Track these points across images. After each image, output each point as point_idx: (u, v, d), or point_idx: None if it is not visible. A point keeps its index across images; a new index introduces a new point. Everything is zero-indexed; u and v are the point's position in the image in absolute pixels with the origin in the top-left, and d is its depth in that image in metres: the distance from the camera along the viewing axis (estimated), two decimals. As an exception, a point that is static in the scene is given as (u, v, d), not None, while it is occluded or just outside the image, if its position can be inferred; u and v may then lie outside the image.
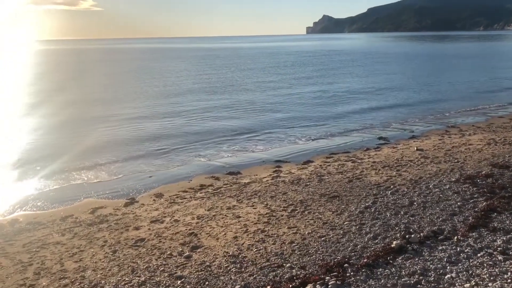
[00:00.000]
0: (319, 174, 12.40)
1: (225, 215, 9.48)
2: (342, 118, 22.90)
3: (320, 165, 13.70)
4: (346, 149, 16.07)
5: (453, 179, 10.69)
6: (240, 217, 9.30)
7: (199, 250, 7.73)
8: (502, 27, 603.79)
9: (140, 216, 9.88)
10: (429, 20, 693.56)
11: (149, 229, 8.95)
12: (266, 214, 9.33)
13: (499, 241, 7.08)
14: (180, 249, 7.77)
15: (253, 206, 9.98)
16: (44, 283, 6.80)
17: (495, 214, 8.25)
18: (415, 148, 14.97)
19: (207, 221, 9.19)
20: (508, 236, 7.24)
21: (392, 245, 7.16)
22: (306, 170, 13.24)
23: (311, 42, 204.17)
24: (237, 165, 14.59)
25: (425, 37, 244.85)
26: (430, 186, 10.34)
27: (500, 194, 9.28)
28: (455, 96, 29.29)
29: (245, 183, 12.22)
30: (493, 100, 27.11)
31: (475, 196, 9.37)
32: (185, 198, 11.17)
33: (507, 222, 7.88)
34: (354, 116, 23.48)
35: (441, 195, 9.59)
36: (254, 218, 9.16)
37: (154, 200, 11.23)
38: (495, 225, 7.75)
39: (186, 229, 8.75)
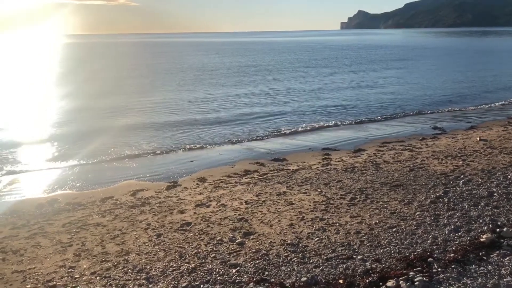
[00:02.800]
0: (374, 163, 11.34)
1: (276, 201, 8.62)
2: (386, 107, 21.69)
3: (374, 154, 12.64)
4: (399, 138, 14.88)
5: (535, 170, 9.41)
6: (293, 203, 8.42)
7: (252, 236, 6.89)
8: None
9: (184, 199, 9.16)
10: (469, 15, 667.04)
11: (194, 213, 8.21)
12: (323, 201, 8.41)
13: None
14: (231, 235, 6.96)
15: (305, 193, 9.08)
16: (85, 266, 6.14)
17: None
18: (478, 138, 13.63)
19: (257, 206, 8.35)
20: None
21: (482, 239, 6.09)
22: (359, 158, 12.21)
23: (350, 37, 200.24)
24: (281, 152, 13.72)
25: (467, 32, 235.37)
26: (509, 176, 9.12)
27: None
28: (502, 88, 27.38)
29: (293, 169, 11.33)
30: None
31: None
32: (230, 183, 10.39)
33: None
34: (402, 104, 22.16)
35: (525, 186, 8.37)
36: (310, 205, 8.25)
37: (197, 184, 10.51)
38: None
39: (235, 214, 7.94)
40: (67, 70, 48.83)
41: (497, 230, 6.38)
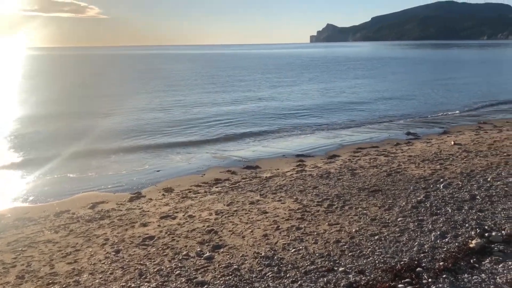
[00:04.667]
0: (350, 168, 10.89)
1: (248, 211, 7.97)
2: (359, 112, 21.58)
3: (349, 159, 12.21)
4: (373, 144, 14.56)
5: (514, 172, 9.15)
6: (267, 212, 7.79)
7: (222, 250, 6.21)
8: (506, 36, 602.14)
9: (148, 211, 8.38)
10: (433, 29, 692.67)
11: (159, 225, 7.45)
12: (299, 209, 7.82)
13: None
14: (199, 249, 6.26)
15: (280, 200, 8.48)
16: (27, 289, 5.29)
17: None
18: (453, 143, 13.45)
19: (228, 217, 7.68)
20: None
21: (471, 245, 5.62)
22: (334, 164, 11.74)
23: (320, 49, 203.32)
24: (254, 159, 13.12)
25: (430, 45, 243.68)
26: (489, 179, 8.81)
27: None
28: (469, 95, 27.85)
29: (266, 177, 10.73)
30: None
31: (550, 189, 7.83)
32: (199, 193, 9.67)
33: None
34: (373, 111, 22.07)
35: (506, 189, 8.06)
36: (285, 213, 7.64)
37: (163, 194, 9.74)
38: None
39: (204, 226, 7.24)
40: (27, 81, 46.84)
41: (486, 234, 5.95)
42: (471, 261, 5.25)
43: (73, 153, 13.77)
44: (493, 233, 5.93)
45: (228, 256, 5.98)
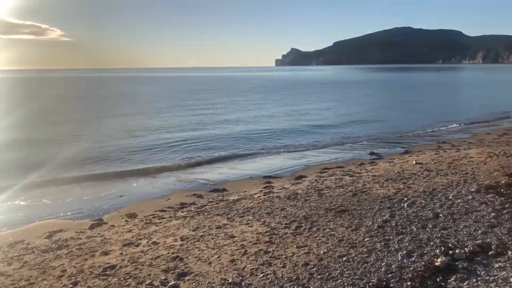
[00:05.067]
0: (317, 189, 10.92)
1: (215, 235, 7.77)
2: (324, 134, 21.92)
3: (316, 180, 12.26)
4: (338, 164, 14.74)
5: (472, 190, 9.45)
6: (234, 236, 7.62)
7: (188, 277, 5.98)
8: (459, 60, 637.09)
9: (110, 239, 8.01)
10: (392, 54, 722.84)
11: (121, 253, 7.12)
12: (266, 232, 7.70)
13: None
14: (163, 277, 6.00)
15: (248, 224, 8.34)
16: (-27, 330, 4.86)
17: (541, 224, 6.95)
18: (414, 162, 13.80)
19: (194, 242, 7.45)
20: None
21: (437, 263, 5.68)
22: (301, 185, 11.75)
23: (285, 72, 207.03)
24: (221, 182, 12.95)
25: (390, 68, 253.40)
26: (450, 197, 9.03)
27: (535, 204, 8.05)
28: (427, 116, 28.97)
29: (233, 200, 10.58)
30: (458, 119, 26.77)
31: (507, 206, 8.09)
32: (163, 218, 9.38)
33: (561, 232, 6.58)
34: (337, 133, 22.45)
35: (467, 206, 8.27)
36: (252, 237, 7.50)
37: (126, 221, 9.38)
38: (549, 236, 6.43)
39: (169, 253, 6.98)
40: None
41: (450, 252, 6.03)
42: (437, 279, 5.29)
43: (32, 181, 13.11)
44: (457, 251, 6.03)
45: (194, 284, 5.76)
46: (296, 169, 14.44)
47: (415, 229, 7.24)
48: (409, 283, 5.22)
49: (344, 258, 6.22)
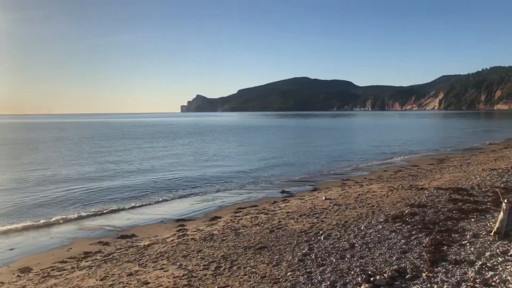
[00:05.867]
0: (233, 228, 10.64)
1: (126, 283, 7.03)
2: (235, 175, 21.87)
3: (231, 219, 11.99)
4: (252, 203, 14.68)
5: (381, 220, 9.94)
6: (148, 283, 6.97)
7: (96, 333, 5.21)
8: (351, 108, 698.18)
9: (-3, 299, 6.81)
10: (292, 101, 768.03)
11: (12, 314, 6.04)
12: (184, 275, 7.18)
13: (472, 273, 6.14)
14: (67, 336, 5.15)
15: (162, 269, 7.72)
16: None
17: (445, 247, 7.46)
18: (324, 198, 14.28)
19: (102, 293, 6.63)
20: (476, 267, 6.37)
21: (360, 291, 5.68)
22: (216, 225, 11.37)
23: (191, 118, 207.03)
24: (129, 227, 12.04)
25: (290, 115, 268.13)
26: (362, 227, 9.37)
27: (437, 229, 8.69)
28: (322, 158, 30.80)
29: (144, 245, 9.82)
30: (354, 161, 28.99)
31: (413, 233, 8.61)
32: (64, 270, 8.32)
33: (463, 253, 7.11)
34: (248, 173, 22.59)
35: (379, 235, 8.63)
36: (169, 282, 6.93)
37: (18, 276, 8.14)
38: (453, 257, 6.89)
39: (72, 307, 6.09)
40: None
41: (371, 279, 6.12)
42: (364, 306, 5.26)
43: None
44: (378, 277, 6.14)
45: None
46: (209, 211, 14.05)
47: (334, 260, 7.29)
48: (337, 313, 5.11)
49: (269, 295, 5.97)
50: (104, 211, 14.27)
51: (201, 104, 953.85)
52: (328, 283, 6.20)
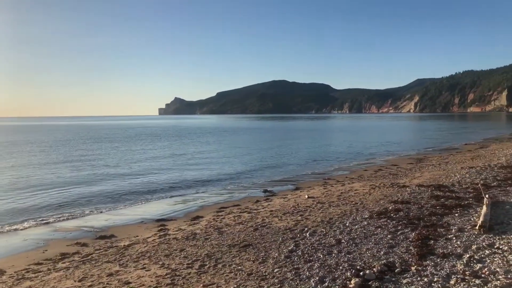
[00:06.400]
0: (216, 227, 10.41)
1: (107, 284, 6.73)
2: (215, 175, 21.57)
3: (213, 219, 11.75)
4: (234, 203, 14.47)
5: (366, 216, 9.89)
6: (130, 282, 6.69)
7: (75, 335, 4.92)
8: (329, 111, 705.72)
9: (-34, 302, 6.40)
10: (270, 104, 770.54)
11: (-17, 318, 5.67)
12: (167, 274, 6.92)
13: (460, 266, 6.10)
14: None
15: (144, 268, 7.44)
16: None
17: (432, 241, 7.43)
18: (307, 196, 14.19)
19: (81, 294, 6.32)
20: (464, 260, 6.34)
21: (350, 286, 5.57)
22: (198, 225, 11.12)
23: (170, 121, 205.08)
24: (107, 228, 11.65)
25: (269, 118, 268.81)
26: (347, 224, 9.29)
27: (422, 224, 8.68)
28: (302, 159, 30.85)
29: (125, 245, 9.49)
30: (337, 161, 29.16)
31: (399, 228, 8.57)
32: (40, 271, 7.93)
33: (450, 247, 7.08)
34: (228, 174, 22.34)
35: (365, 231, 8.55)
36: (151, 281, 6.66)
37: (-11, 280, 7.68)
38: (441, 251, 6.85)
39: (49, 310, 5.76)
40: None
41: (361, 273, 6.00)
42: (355, 301, 5.13)
43: None
44: (367, 271, 6.03)
45: None
46: (190, 210, 13.77)
47: (321, 256, 7.16)
48: (328, 308, 4.96)
49: (257, 292, 5.78)
50: (81, 213, 13.80)
51: (179, 106, 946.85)
52: (317, 278, 6.05)
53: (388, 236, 8.02)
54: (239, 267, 6.95)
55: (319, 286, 5.78)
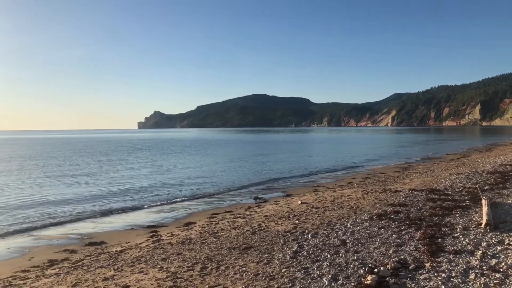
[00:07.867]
0: (211, 232, 10.06)
1: (103, 287, 6.30)
2: (200, 185, 21.14)
3: (207, 224, 11.38)
4: (226, 209, 14.12)
5: (366, 218, 9.71)
6: (129, 286, 6.30)
7: None
8: (309, 124, 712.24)
9: (-51, 311, 5.88)
10: (251, 118, 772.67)
11: (-30, 325, 5.18)
12: (168, 277, 6.55)
13: (476, 261, 5.95)
14: None
15: (142, 272, 7.04)
16: None
17: (440, 240, 7.29)
18: (300, 202, 13.96)
19: (76, 299, 5.88)
20: (478, 256, 6.20)
21: (367, 282, 5.34)
22: (192, 230, 10.74)
23: (150, 134, 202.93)
24: (96, 235, 11.13)
25: (249, 131, 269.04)
26: (348, 225, 9.09)
27: (425, 224, 8.55)
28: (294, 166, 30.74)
29: (117, 251, 9.05)
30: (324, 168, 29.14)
31: (403, 228, 8.41)
32: (28, 279, 7.43)
33: (459, 244, 6.95)
34: (214, 183, 21.93)
35: (368, 232, 8.36)
36: (152, 284, 6.28)
37: (-27, 287, 7.13)
38: (451, 248, 6.70)
39: (43, 315, 5.32)
40: None
41: (375, 270, 5.78)
42: (375, 297, 4.89)
43: None
44: (381, 268, 5.81)
45: None
46: (181, 217, 13.36)
47: (329, 256, 6.92)
48: (349, 304, 4.70)
49: (268, 291, 5.48)
50: (66, 221, 13.23)
51: (159, 120, 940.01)
52: (330, 276, 5.80)
53: (394, 235, 7.84)
54: (244, 269, 6.64)
55: (333, 284, 5.52)
